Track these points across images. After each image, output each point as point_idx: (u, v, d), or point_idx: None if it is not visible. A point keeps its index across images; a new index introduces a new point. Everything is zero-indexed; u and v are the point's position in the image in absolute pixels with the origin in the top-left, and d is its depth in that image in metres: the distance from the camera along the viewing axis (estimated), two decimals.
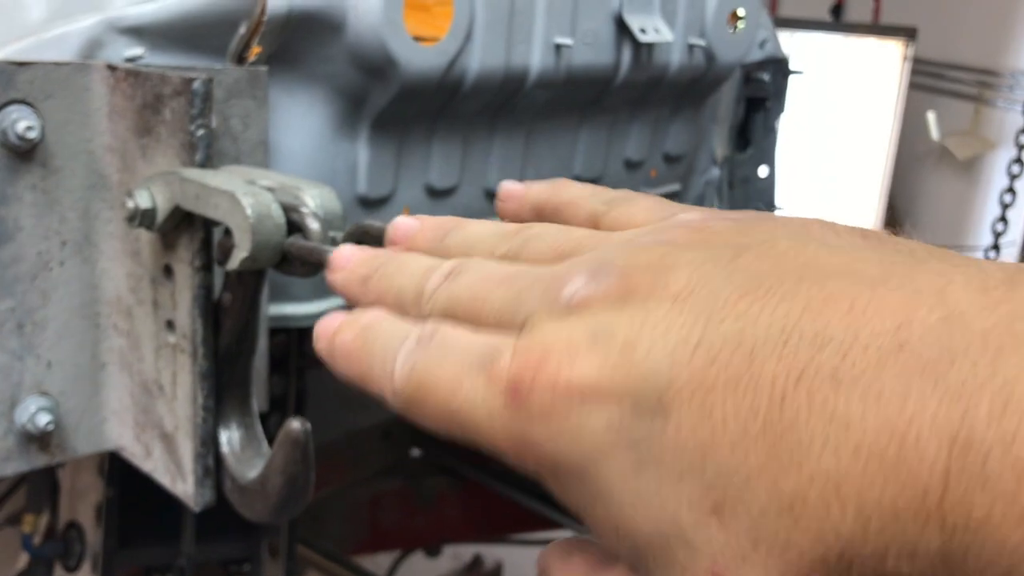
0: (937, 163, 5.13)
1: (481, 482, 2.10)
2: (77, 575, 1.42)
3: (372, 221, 0.64)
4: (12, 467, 0.83)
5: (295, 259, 0.67)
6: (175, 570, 1.49)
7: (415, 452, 2.30)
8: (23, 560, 1.52)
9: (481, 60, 1.06)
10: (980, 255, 4.91)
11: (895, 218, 5.27)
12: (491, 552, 3.00)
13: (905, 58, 4.89)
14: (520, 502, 1.96)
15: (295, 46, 0.94)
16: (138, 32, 0.86)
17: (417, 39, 0.98)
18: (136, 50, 0.84)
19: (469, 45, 1.04)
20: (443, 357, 0.42)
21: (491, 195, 1.23)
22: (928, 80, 5.05)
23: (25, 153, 0.78)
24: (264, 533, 1.56)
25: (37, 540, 1.47)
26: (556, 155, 1.29)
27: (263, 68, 0.88)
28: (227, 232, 0.69)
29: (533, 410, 0.37)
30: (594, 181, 1.37)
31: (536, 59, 1.12)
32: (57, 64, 0.79)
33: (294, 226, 0.68)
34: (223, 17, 0.89)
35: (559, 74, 1.16)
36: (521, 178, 1.25)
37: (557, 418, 0.37)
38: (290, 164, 0.99)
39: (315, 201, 0.69)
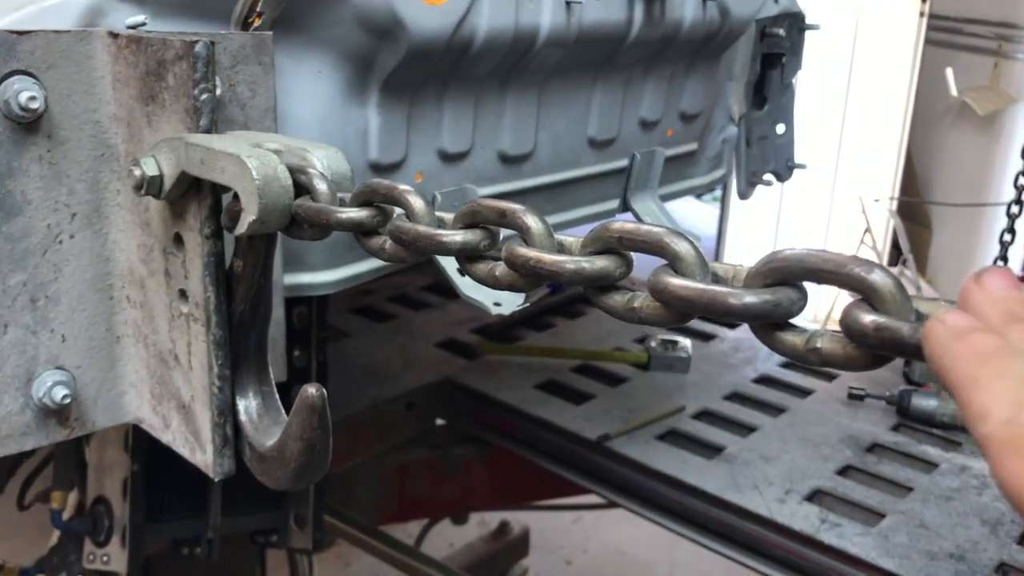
0: (956, 119, 5.06)
1: (507, 449, 2.10)
2: (106, 549, 1.43)
3: (379, 180, 0.63)
4: (32, 441, 0.83)
5: (304, 221, 0.66)
6: (203, 542, 1.50)
7: (439, 421, 2.31)
8: (55, 537, 1.54)
9: (490, 19, 1.04)
10: (1002, 211, 4.85)
11: (914, 175, 5.21)
12: (517, 518, 3.01)
13: (922, 13, 4.81)
14: (546, 469, 1.96)
15: (301, 10, 0.93)
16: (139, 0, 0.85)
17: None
18: (138, 17, 0.83)
19: (478, 4, 1.02)
20: None
21: (505, 158, 1.21)
22: (945, 36, 4.96)
23: (30, 124, 0.77)
24: (291, 504, 1.56)
25: (66, 516, 1.48)
26: (570, 116, 1.27)
27: (268, 33, 0.86)
28: (235, 197, 0.68)
29: None
30: (609, 142, 1.35)
31: (546, 17, 1.10)
32: (58, 32, 0.77)
33: (302, 188, 0.67)
34: None
35: (570, 32, 1.14)
36: (534, 140, 1.24)
37: None
38: (300, 131, 0.97)
39: (322, 162, 0.68)
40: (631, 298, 0.48)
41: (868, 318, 0.39)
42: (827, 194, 5.03)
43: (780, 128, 1.76)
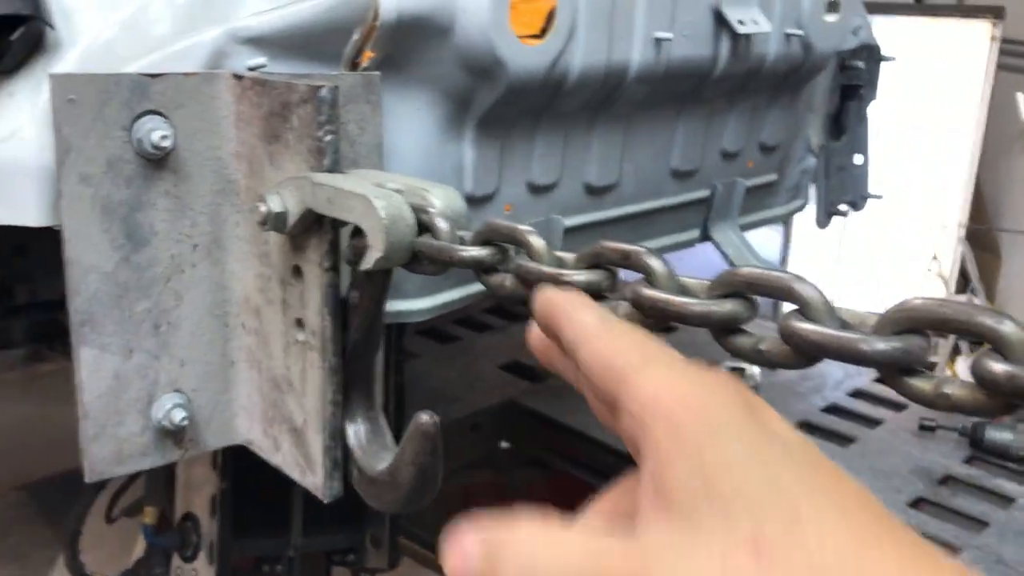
0: None
1: (570, 473, 2.11)
2: (194, 565, 1.47)
3: (500, 220, 0.66)
4: (150, 461, 0.87)
5: (426, 258, 0.69)
6: (284, 560, 1.54)
7: (503, 444, 2.33)
8: (140, 547, 1.59)
9: (584, 57, 1.07)
10: None
11: (983, 202, 5.13)
12: None
13: (993, 38, 4.75)
14: None
15: (404, 50, 0.97)
16: (259, 42, 0.89)
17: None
18: (259, 59, 0.88)
19: (572, 43, 1.05)
20: None
21: (590, 190, 1.24)
22: (1017, 60, 4.89)
23: (159, 161, 0.82)
24: (367, 524, 1.60)
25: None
26: (654, 148, 1.30)
27: (376, 73, 0.91)
28: (357, 233, 0.72)
29: None
30: (691, 173, 1.37)
31: (636, 54, 1.13)
32: (187, 75, 0.82)
33: (422, 226, 0.70)
34: (337, 24, 0.92)
35: (659, 68, 1.17)
36: (619, 171, 1.27)
37: None
38: (401, 166, 1.01)
39: (442, 201, 0.71)
40: (758, 340, 0.50)
41: (1000, 368, 0.41)
42: (892, 220, 4.98)
43: (858, 159, 1.76)
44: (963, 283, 4.98)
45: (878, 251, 5.14)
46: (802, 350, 0.47)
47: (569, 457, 2.10)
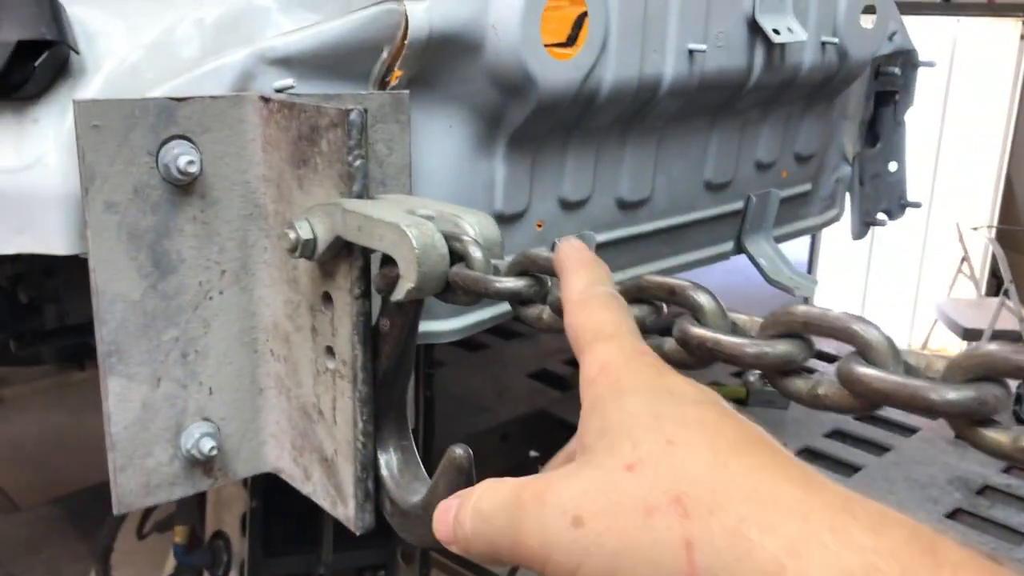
0: None
1: None
2: None
3: (537, 251, 0.64)
4: (179, 491, 0.86)
5: (460, 289, 0.67)
6: None
7: (533, 453, 2.31)
8: (170, 565, 1.58)
9: (616, 71, 1.05)
10: None
11: (1014, 202, 5.05)
12: None
13: (1022, 36, 4.68)
14: None
15: (434, 68, 0.95)
16: (286, 62, 0.87)
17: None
18: (286, 80, 0.86)
19: (604, 57, 1.03)
20: None
21: (623, 204, 1.22)
22: None
23: (186, 186, 0.80)
24: (398, 540, 1.58)
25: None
26: (687, 161, 1.27)
27: (405, 92, 0.88)
28: (388, 261, 0.70)
29: None
30: (725, 185, 1.34)
31: (670, 67, 1.11)
32: (214, 98, 0.80)
33: (455, 254, 0.68)
34: (366, 43, 0.90)
35: (692, 80, 1.14)
36: (652, 185, 1.24)
37: None
38: (430, 185, 0.99)
39: (475, 229, 0.69)
40: (816, 384, 0.48)
41: None
42: (922, 222, 4.92)
43: (893, 166, 1.73)
44: (994, 284, 4.90)
45: (908, 255, 5.07)
46: (864, 396, 0.45)
47: None
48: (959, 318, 4.44)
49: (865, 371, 0.44)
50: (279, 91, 0.87)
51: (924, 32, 4.49)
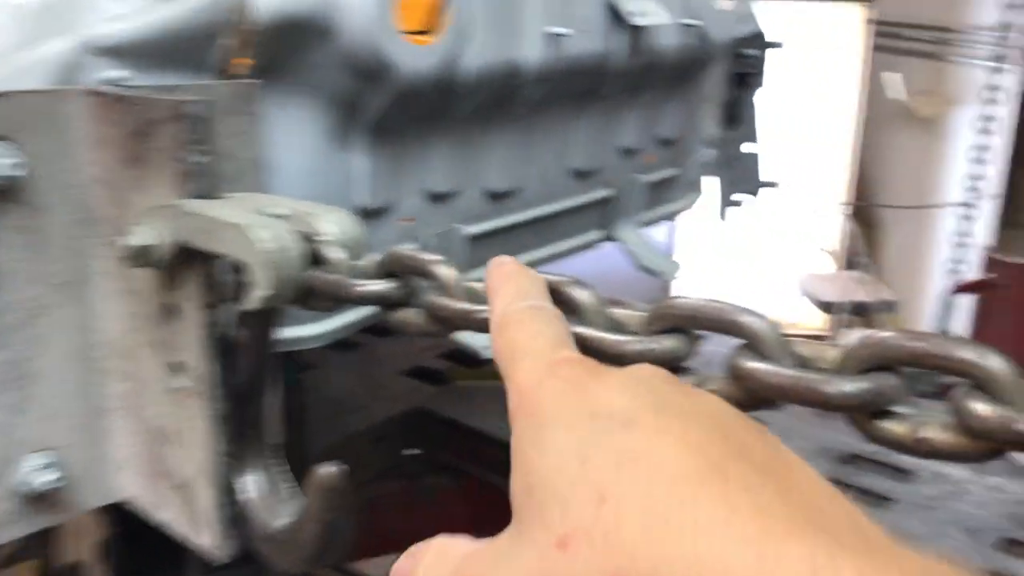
0: (904, 123, 5.13)
1: (481, 478, 2.06)
2: None
3: (404, 249, 0.59)
4: (17, 530, 0.77)
5: (318, 294, 0.62)
6: None
7: (407, 452, 2.26)
8: None
9: (476, 56, 1.01)
10: (947, 211, 4.93)
11: (864, 180, 5.27)
12: None
13: (867, 20, 4.87)
14: None
15: (286, 55, 0.88)
16: (117, 52, 0.80)
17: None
18: (119, 72, 0.78)
19: (463, 41, 0.99)
20: None
21: (492, 196, 1.18)
22: (890, 41, 5.04)
23: (6, 192, 0.72)
24: (268, 567, 1.50)
25: None
26: (554, 149, 1.24)
27: (255, 82, 0.82)
28: (238, 267, 0.64)
29: None
30: (592, 172, 1.32)
31: (532, 51, 1.07)
32: (34, 92, 0.72)
33: (313, 257, 0.63)
34: (208, 30, 0.83)
35: (556, 66, 1.11)
36: (521, 175, 1.21)
37: None
38: (285, 180, 0.93)
39: (334, 228, 0.64)
40: (704, 381, 0.45)
41: (986, 410, 0.36)
42: (778, 202, 5.07)
43: (750, 146, 1.75)
44: (849, 261, 5.11)
45: (765, 234, 5.23)
46: (756, 393, 0.42)
47: (480, 461, 2.05)
48: (819, 292, 4.60)
49: (755, 365, 0.41)
50: (110, 84, 0.79)
51: (772, 17, 4.62)
